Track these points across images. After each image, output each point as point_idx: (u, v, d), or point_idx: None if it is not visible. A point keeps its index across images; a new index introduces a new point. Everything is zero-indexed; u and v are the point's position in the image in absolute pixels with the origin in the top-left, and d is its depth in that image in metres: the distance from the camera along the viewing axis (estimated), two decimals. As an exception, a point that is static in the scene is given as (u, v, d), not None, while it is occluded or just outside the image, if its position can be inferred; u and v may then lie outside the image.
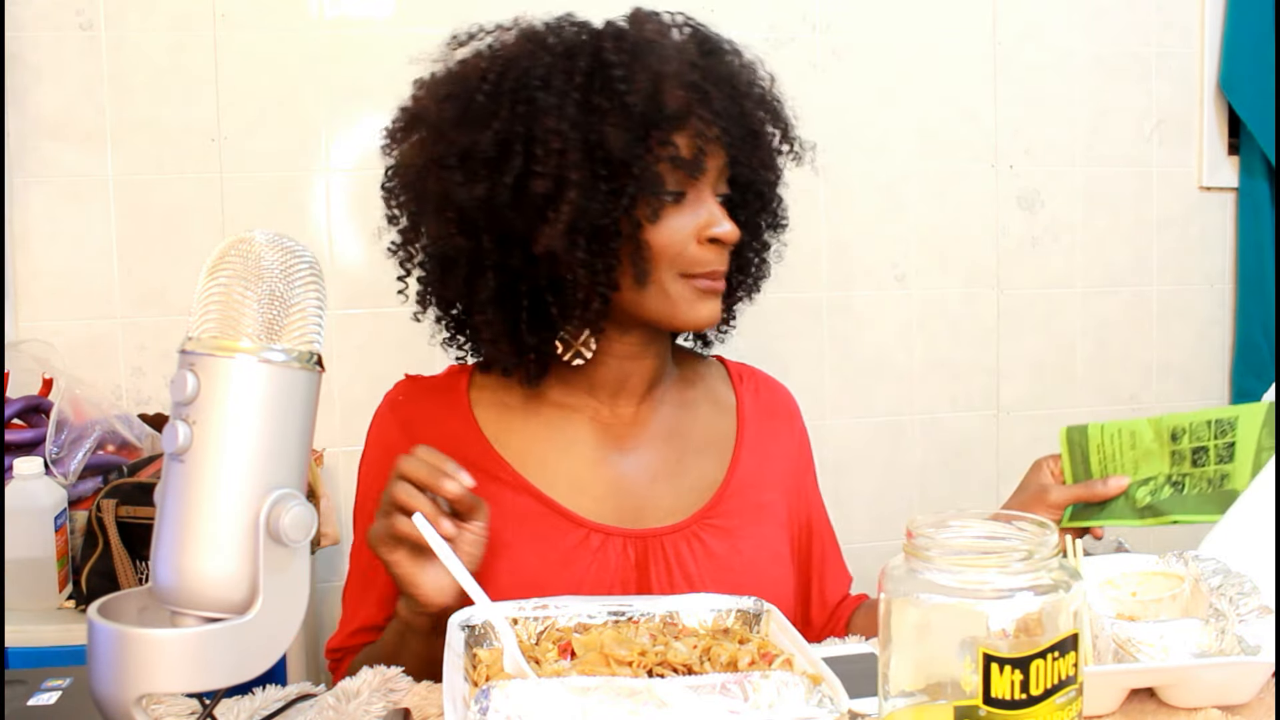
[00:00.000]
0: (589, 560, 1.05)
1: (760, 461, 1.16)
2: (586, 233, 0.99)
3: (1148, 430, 1.08)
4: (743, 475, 1.14)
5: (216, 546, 0.60)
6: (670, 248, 1.02)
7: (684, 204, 1.03)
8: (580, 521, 1.06)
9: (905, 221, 2.28)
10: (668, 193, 1.01)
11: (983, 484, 2.35)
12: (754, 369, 1.24)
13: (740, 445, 1.16)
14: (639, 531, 1.07)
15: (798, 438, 1.22)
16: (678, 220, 1.02)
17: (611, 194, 0.98)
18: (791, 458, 1.20)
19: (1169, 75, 2.38)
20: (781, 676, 0.71)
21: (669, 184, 1.01)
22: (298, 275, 0.63)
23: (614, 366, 1.10)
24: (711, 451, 1.15)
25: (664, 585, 1.05)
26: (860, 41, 2.22)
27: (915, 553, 0.61)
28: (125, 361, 2.01)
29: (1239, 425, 1.03)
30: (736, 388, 1.20)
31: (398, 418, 1.10)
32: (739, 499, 1.12)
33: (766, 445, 1.18)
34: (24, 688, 0.79)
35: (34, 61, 1.95)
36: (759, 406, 1.19)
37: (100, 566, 1.58)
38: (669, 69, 1.01)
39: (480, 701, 0.67)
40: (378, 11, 2.06)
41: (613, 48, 1.01)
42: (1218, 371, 2.46)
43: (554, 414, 1.11)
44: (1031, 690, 0.57)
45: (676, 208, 1.02)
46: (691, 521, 1.09)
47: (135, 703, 0.59)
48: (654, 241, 1.01)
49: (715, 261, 1.04)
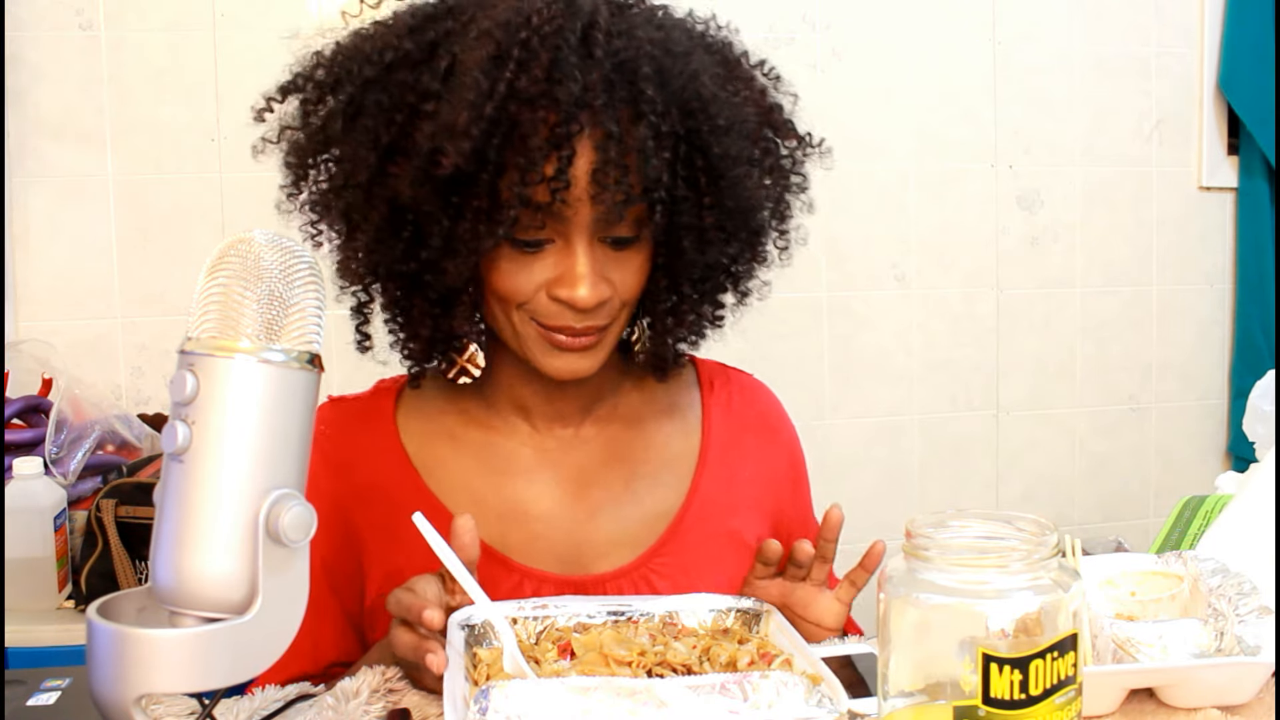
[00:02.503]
0: None
1: (728, 481, 1.03)
2: (426, 259, 0.89)
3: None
4: (705, 499, 1.01)
5: (216, 546, 0.60)
6: (514, 297, 0.90)
7: (543, 251, 0.88)
8: (514, 566, 0.96)
9: (905, 221, 2.28)
10: (498, 238, 0.85)
11: (982, 484, 2.35)
12: (731, 371, 1.11)
13: (703, 464, 1.03)
14: (579, 578, 0.97)
15: (783, 451, 1.10)
16: (525, 271, 0.88)
17: (449, 229, 0.86)
18: (771, 475, 1.07)
19: (1169, 75, 2.38)
20: (781, 676, 0.71)
21: (528, 228, 0.86)
22: (297, 275, 0.63)
23: (530, 386, 0.99)
24: (667, 474, 1.02)
25: None
26: (860, 41, 2.22)
27: (914, 553, 0.61)
28: (125, 361, 2.01)
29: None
30: (705, 397, 1.07)
31: (321, 452, 0.92)
32: (701, 528, 1.00)
33: (737, 462, 1.05)
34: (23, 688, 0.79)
35: (34, 61, 1.95)
36: (731, 417, 1.07)
37: (100, 566, 1.58)
38: (517, 83, 0.82)
39: (480, 701, 0.67)
40: (378, 11, 2.06)
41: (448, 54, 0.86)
42: (1217, 371, 2.46)
43: (485, 440, 1.01)
44: (1031, 690, 0.57)
45: (529, 255, 0.88)
46: (641, 563, 0.98)
47: (134, 703, 0.59)
48: (495, 286, 0.90)
49: (569, 318, 0.89)
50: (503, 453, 1.01)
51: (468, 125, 0.82)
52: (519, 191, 0.84)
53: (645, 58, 0.86)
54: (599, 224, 0.88)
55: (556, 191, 0.83)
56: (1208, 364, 2.45)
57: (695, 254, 0.93)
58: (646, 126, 0.85)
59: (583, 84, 0.83)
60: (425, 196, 0.86)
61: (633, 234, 0.90)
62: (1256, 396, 1.16)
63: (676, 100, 0.87)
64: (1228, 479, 1.18)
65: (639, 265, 0.93)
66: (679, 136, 0.88)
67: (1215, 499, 1.10)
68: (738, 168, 0.90)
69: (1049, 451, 2.38)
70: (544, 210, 0.85)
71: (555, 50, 0.83)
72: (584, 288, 0.87)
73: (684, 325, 0.99)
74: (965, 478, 2.34)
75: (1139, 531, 2.36)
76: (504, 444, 1.02)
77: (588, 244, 0.88)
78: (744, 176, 0.91)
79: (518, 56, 0.83)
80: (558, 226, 0.88)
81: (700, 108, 0.88)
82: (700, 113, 0.88)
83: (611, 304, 0.91)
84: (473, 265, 0.89)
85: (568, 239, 0.88)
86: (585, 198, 0.85)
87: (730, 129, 0.90)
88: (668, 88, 0.87)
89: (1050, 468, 2.39)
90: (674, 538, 1.00)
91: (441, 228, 0.87)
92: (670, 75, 0.87)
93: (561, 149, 0.83)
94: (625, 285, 0.92)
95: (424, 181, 0.85)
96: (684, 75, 0.88)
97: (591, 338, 0.92)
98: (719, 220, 0.92)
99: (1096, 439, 2.41)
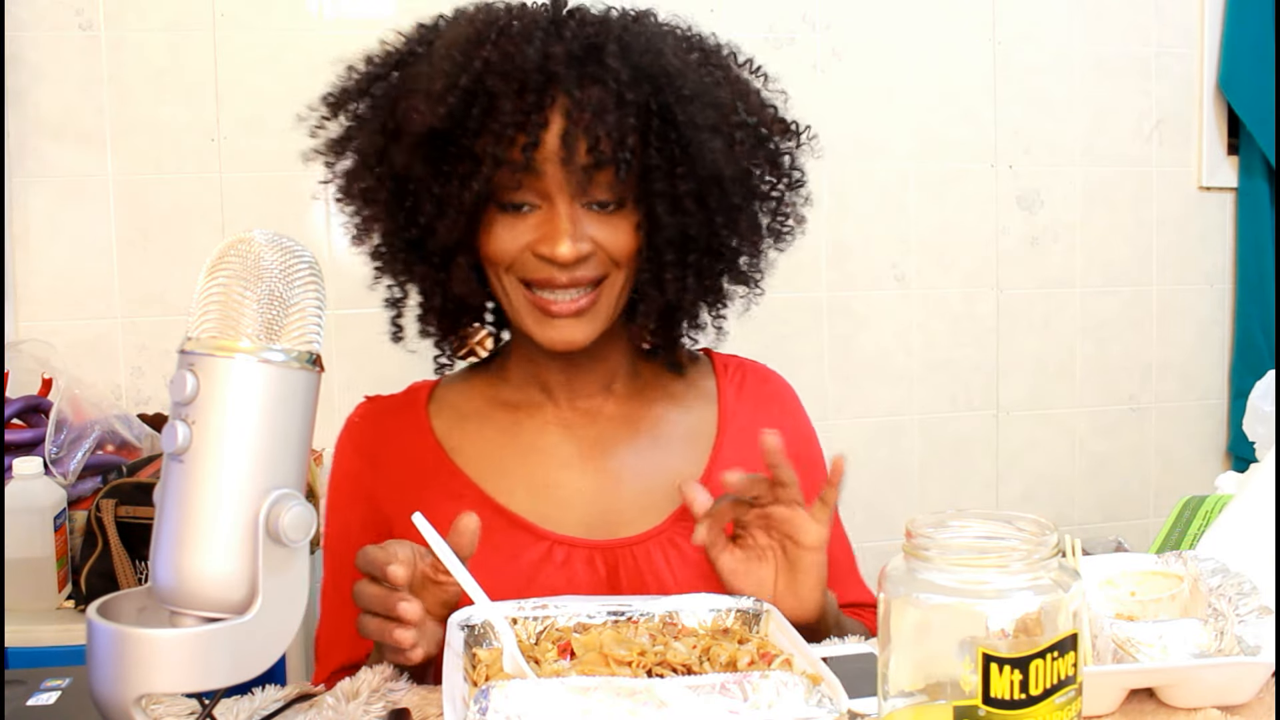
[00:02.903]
0: (554, 575, 0.99)
1: (746, 453, 1.05)
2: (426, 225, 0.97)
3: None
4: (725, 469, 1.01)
5: (216, 546, 0.60)
6: (501, 257, 0.97)
7: (527, 214, 0.96)
8: (542, 534, 1.00)
9: (905, 221, 2.28)
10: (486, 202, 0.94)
11: (982, 484, 2.35)
12: (744, 360, 1.16)
13: (722, 436, 1.08)
14: (607, 542, 1.01)
15: (797, 431, 1.13)
16: (511, 232, 0.96)
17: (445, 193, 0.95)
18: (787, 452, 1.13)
19: (1168, 75, 2.38)
20: (781, 676, 0.71)
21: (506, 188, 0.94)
22: (297, 275, 0.63)
23: (549, 366, 1.05)
24: (688, 446, 1.07)
25: None
26: (860, 41, 2.22)
27: (914, 553, 0.61)
28: (125, 361, 2.01)
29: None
30: (719, 379, 1.12)
31: (354, 442, 1.08)
32: None
33: (753, 436, 1.05)
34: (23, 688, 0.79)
35: (34, 61, 1.95)
36: (745, 396, 1.12)
37: (99, 566, 1.58)
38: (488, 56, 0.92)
39: (480, 701, 0.67)
40: (378, 11, 2.06)
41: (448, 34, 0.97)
42: (1217, 371, 2.46)
43: (511, 417, 1.06)
44: (1031, 690, 0.57)
45: (514, 217, 0.96)
46: (665, 526, 1.02)
47: (135, 703, 0.59)
48: (485, 249, 0.97)
49: (554, 271, 0.95)
50: (528, 428, 1.06)
51: (443, 92, 0.92)
52: (493, 152, 0.92)
53: (613, 39, 0.95)
54: (574, 186, 0.94)
55: (527, 152, 0.92)
56: (1208, 364, 2.46)
57: (670, 219, 0.97)
58: (609, 93, 0.92)
59: (548, 54, 0.92)
60: (416, 164, 0.95)
61: (610, 198, 0.96)
62: (1256, 396, 1.16)
63: (641, 71, 0.94)
64: (1228, 479, 1.18)
65: (625, 229, 0.98)
66: (646, 106, 0.94)
67: (1215, 499, 1.10)
68: (704, 135, 0.96)
69: (1049, 451, 2.38)
70: (519, 170, 0.93)
71: (528, 31, 0.94)
72: (563, 243, 0.93)
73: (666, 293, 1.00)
74: (965, 478, 2.34)
75: (1139, 531, 2.36)
76: (529, 421, 1.06)
77: (568, 205, 0.95)
78: (710, 144, 0.96)
79: (494, 38, 0.93)
80: (537, 188, 0.95)
81: (666, 80, 0.95)
82: (666, 84, 0.95)
83: (598, 260, 0.97)
84: (461, 225, 0.96)
85: (550, 201, 0.95)
86: (555, 159, 0.93)
87: (696, 98, 0.96)
88: (632, 60, 0.94)
89: (1050, 468, 2.39)
90: None
91: (430, 192, 0.96)
92: (634, 50, 0.95)
93: (532, 115, 0.91)
94: (611, 244, 0.97)
95: (414, 150, 0.95)
96: (649, 51, 0.95)
97: (580, 301, 0.97)
98: (693, 189, 0.97)
99: (1096, 439, 2.41)
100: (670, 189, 0.96)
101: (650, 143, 0.95)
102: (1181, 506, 1.13)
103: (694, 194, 0.97)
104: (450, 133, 0.93)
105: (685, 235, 0.99)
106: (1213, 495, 1.11)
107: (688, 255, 1.01)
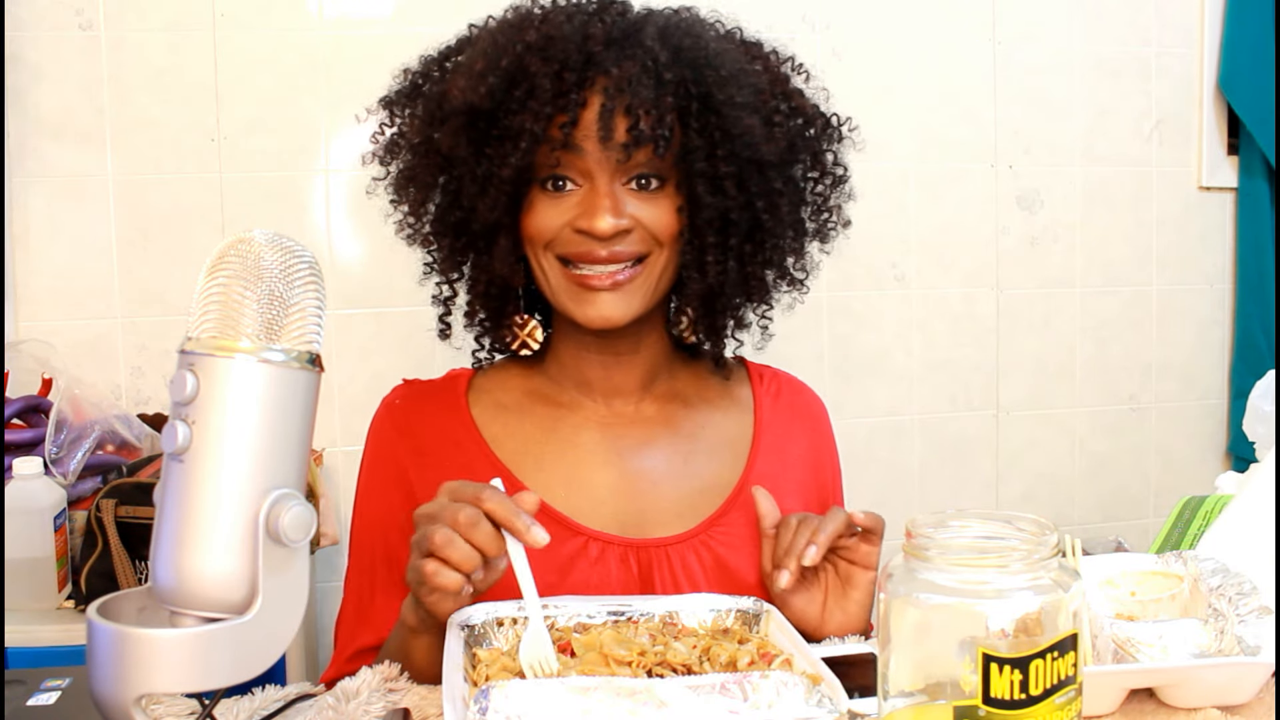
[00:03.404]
0: (587, 570, 1.00)
1: (780, 464, 1.09)
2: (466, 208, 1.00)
3: None
4: (760, 475, 1.07)
5: (216, 546, 0.60)
6: (542, 234, 0.99)
7: (568, 193, 0.98)
8: (578, 529, 1.01)
9: (905, 221, 2.28)
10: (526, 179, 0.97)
11: (982, 484, 2.35)
12: (778, 370, 1.19)
13: (757, 444, 1.09)
14: (641, 541, 1.02)
15: (823, 443, 1.16)
16: (554, 209, 0.98)
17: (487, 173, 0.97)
18: (816, 462, 1.14)
19: (1168, 75, 2.38)
20: (781, 676, 0.71)
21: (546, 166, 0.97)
22: (297, 275, 0.63)
23: (589, 361, 1.07)
24: (725, 452, 1.09)
25: None
26: (860, 41, 2.22)
27: (914, 553, 0.61)
28: (125, 361, 2.01)
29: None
30: (755, 388, 1.14)
31: (394, 420, 1.08)
32: None
33: (787, 446, 1.11)
34: (23, 688, 0.79)
35: (34, 61, 1.95)
36: (779, 407, 1.13)
37: (100, 566, 1.58)
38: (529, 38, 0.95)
39: (480, 701, 0.67)
40: (378, 11, 2.06)
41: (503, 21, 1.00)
42: (1217, 371, 2.46)
43: (551, 413, 1.07)
44: (1031, 690, 0.57)
45: (555, 196, 0.99)
46: (700, 530, 1.03)
47: (135, 703, 0.59)
48: (526, 228, 1.00)
49: (593, 244, 0.97)
50: (568, 424, 1.07)
51: (484, 71, 0.95)
52: (531, 129, 0.94)
53: (651, 24, 0.98)
54: (613, 164, 0.96)
55: (565, 128, 0.94)
56: (1208, 364, 2.45)
57: (710, 199, 0.98)
58: (646, 71, 0.94)
59: (588, 35, 0.95)
60: (460, 144, 0.98)
61: (649, 171, 0.98)
62: (1256, 396, 1.16)
63: (680, 55, 0.97)
64: (1228, 479, 1.18)
65: (667, 209, 0.99)
66: (684, 86, 0.96)
67: (1215, 499, 1.10)
68: (741, 113, 0.98)
69: (1049, 451, 2.38)
70: (558, 147, 0.95)
71: (569, 15, 0.97)
72: (603, 217, 0.95)
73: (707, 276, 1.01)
74: (965, 478, 2.34)
75: (1139, 531, 2.36)
76: (569, 417, 1.08)
77: (607, 181, 0.97)
78: (749, 124, 0.98)
79: (535, 22, 0.97)
80: (577, 165, 0.97)
81: (704, 61, 0.97)
82: (704, 65, 0.97)
83: (638, 235, 0.98)
84: (502, 204, 0.98)
85: (590, 179, 0.97)
86: (594, 136, 0.95)
87: (732, 80, 0.98)
88: (670, 43, 0.97)
89: (1050, 468, 2.39)
90: (732, 509, 1.05)
91: (473, 171, 0.98)
92: (673, 34, 0.98)
93: (570, 94, 0.94)
94: (653, 222, 0.99)
95: (458, 130, 0.97)
96: (688, 36, 0.98)
97: (618, 275, 0.98)
98: (733, 170, 0.98)
99: (1096, 439, 2.41)
100: (710, 169, 0.98)
101: (690, 123, 0.97)
102: (1181, 506, 1.13)
103: (734, 176, 0.98)
104: (492, 112, 0.96)
105: (726, 217, 1.00)
106: (1213, 495, 1.11)
107: (729, 238, 1.01)
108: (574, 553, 1.00)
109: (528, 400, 1.08)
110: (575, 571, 1.00)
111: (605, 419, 1.08)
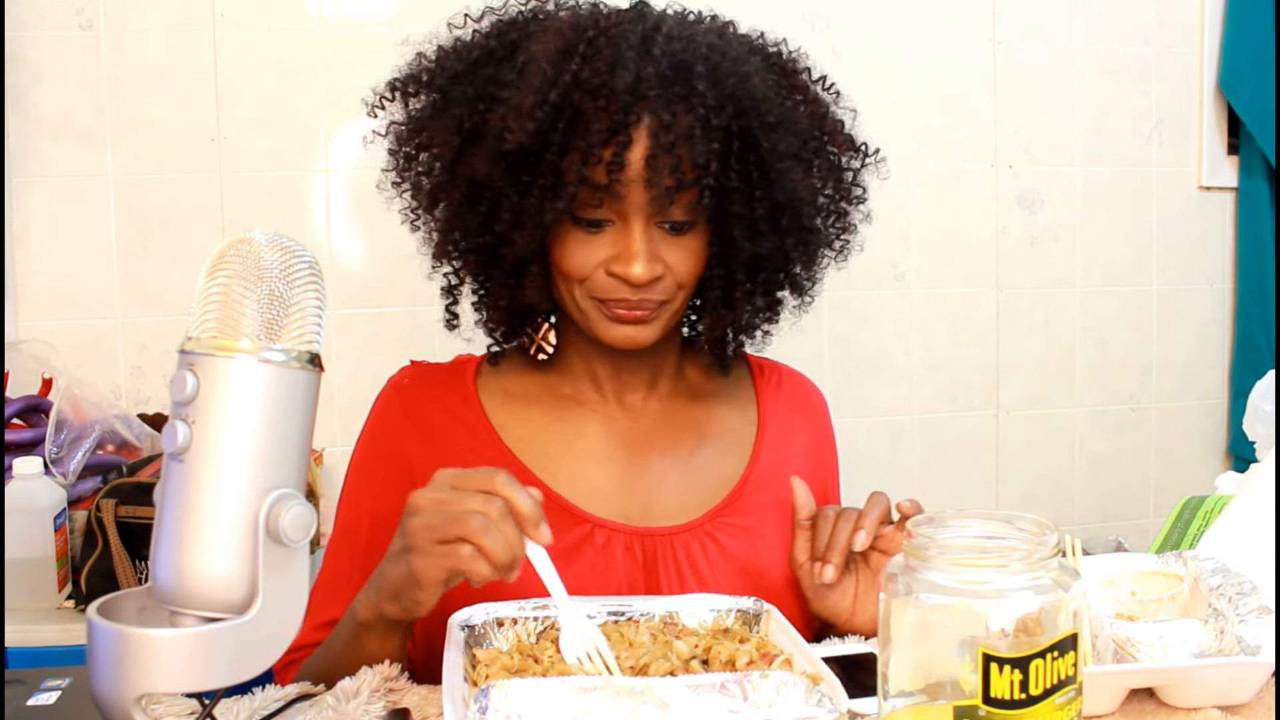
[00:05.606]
0: (593, 558, 1.00)
1: (783, 456, 1.10)
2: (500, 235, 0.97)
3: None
4: (765, 468, 1.08)
5: (216, 546, 0.60)
6: (575, 273, 0.97)
7: (603, 230, 0.96)
8: (583, 516, 1.01)
9: (905, 221, 2.28)
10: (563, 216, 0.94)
11: (982, 484, 2.35)
12: (778, 363, 1.19)
13: (761, 438, 1.10)
14: (646, 530, 1.02)
15: (823, 435, 1.18)
16: (586, 248, 0.96)
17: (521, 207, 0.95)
18: (818, 455, 1.15)
19: (1169, 75, 2.38)
20: (781, 676, 0.71)
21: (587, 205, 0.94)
22: (297, 275, 0.63)
23: (599, 359, 1.07)
24: (729, 444, 1.10)
25: (674, 588, 0.99)
26: (860, 41, 2.22)
27: (915, 553, 0.61)
28: (125, 361, 2.01)
29: None
30: (756, 380, 1.15)
31: (402, 399, 1.07)
32: (760, 495, 1.06)
33: (790, 439, 1.13)
34: (23, 687, 0.79)
35: (34, 61, 1.95)
36: (781, 399, 1.14)
37: (100, 566, 1.58)
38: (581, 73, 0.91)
39: (480, 701, 0.68)
40: (378, 11, 2.06)
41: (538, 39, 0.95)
42: (1217, 371, 2.46)
43: (560, 405, 1.08)
44: (1031, 690, 0.57)
45: (590, 234, 0.96)
46: (705, 520, 1.04)
47: (135, 703, 0.59)
48: (559, 263, 0.98)
49: (625, 292, 0.96)
50: (575, 415, 1.08)
51: (533, 108, 0.91)
52: (579, 171, 0.92)
53: (700, 59, 0.94)
54: (653, 207, 0.94)
55: (612, 173, 0.92)
56: (1208, 364, 2.45)
57: (746, 242, 0.99)
58: (696, 118, 0.92)
59: (639, 77, 0.91)
60: (497, 175, 0.95)
61: (687, 218, 0.96)
62: (1256, 396, 1.16)
63: (728, 96, 0.94)
64: (1228, 479, 1.18)
65: (695, 250, 0.99)
66: (730, 130, 0.94)
67: (1215, 499, 1.10)
68: (786, 162, 0.97)
69: (1049, 451, 2.38)
70: (602, 190, 0.92)
71: (617, 47, 0.93)
72: (638, 264, 0.94)
73: (736, 312, 1.04)
74: (965, 478, 2.34)
75: (1139, 531, 2.36)
76: (577, 410, 1.08)
77: (644, 225, 0.95)
78: (791, 171, 0.97)
79: (583, 51, 0.93)
80: (616, 207, 0.95)
81: (751, 105, 0.95)
82: (751, 110, 0.95)
83: (666, 283, 0.98)
84: (539, 238, 0.96)
85: (625, 220, 0.95)
86: (639, 180, 0.93)
87: (779, 125, 0.97)
88: (720, 85, 0.94)
89: (1050, 467, 2.39)
90: (737, 500, 1.06)
91: (511, 203, 0.95)
92: (723, 74, 0.95)
93: (618, 135, 0.91)
94: (680, 267, 0.98)
95: (496, 160, 0.94)
96: (736, 75, 0.95)
97: (643, 311, 0.98)
98: (769, 212, 0.98)
99: (1096, 439, 2.41)
100: (748, 211, 0.97)
101: (730, 165, 0.95)
102: (1181, 506, 1.13)
103: (769, 218, 0.98)
104: (536, 148, 0.93)
105: (757, 256, 1.00)
106: (1213, 495, 1.11)
107: (757, 275, 1.03)
108: (580, 539, 1.00)
109: (536, 390, 1.09)
110: (581, 558, 1.00)
111: (612, 415, 1.08)
